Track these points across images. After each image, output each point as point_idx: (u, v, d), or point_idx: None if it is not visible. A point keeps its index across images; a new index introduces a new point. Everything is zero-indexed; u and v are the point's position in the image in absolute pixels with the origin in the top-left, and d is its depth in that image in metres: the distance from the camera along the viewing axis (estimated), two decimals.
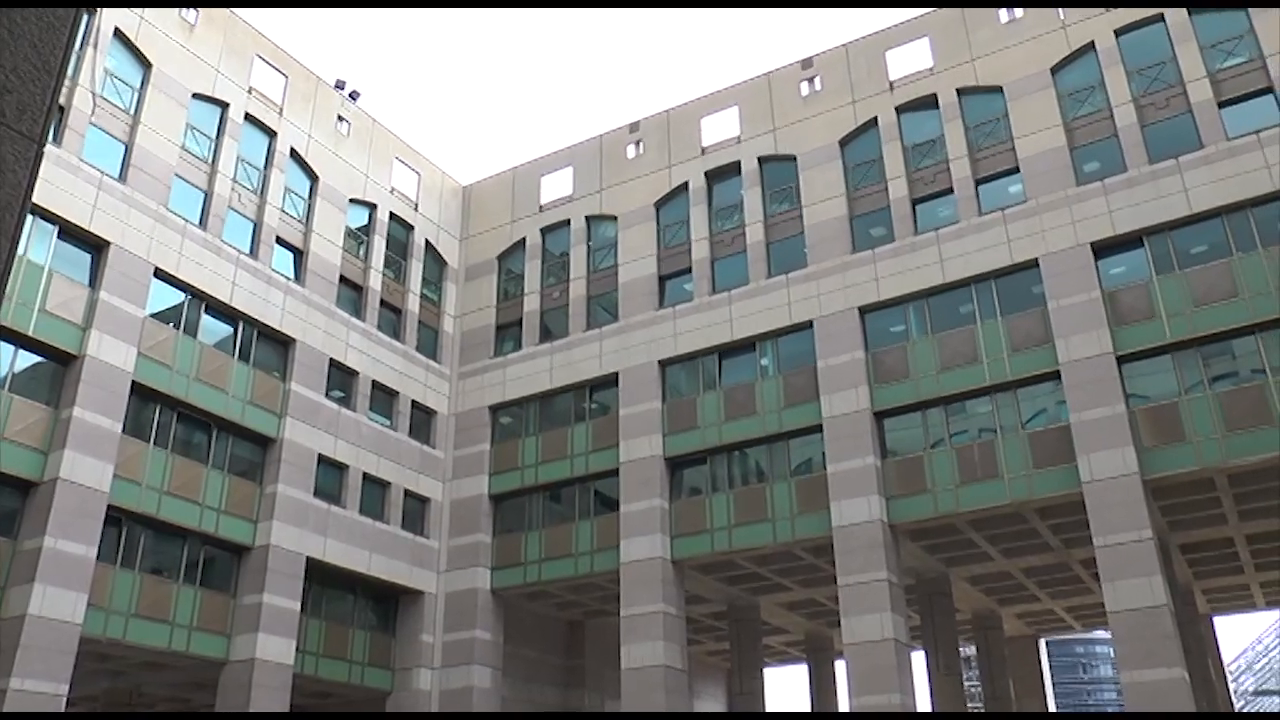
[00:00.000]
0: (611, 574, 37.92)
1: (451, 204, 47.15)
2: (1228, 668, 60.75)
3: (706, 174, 41.40)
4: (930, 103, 37.80)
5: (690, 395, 38.58)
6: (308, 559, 35.62)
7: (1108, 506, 30.16)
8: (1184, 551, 39.12)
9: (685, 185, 41.69)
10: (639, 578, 36.56)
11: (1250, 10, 33.32)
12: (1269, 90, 32.47)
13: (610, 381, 40.33)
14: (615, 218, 42.95)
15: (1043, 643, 53.42)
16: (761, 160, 40.40)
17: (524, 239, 45.17)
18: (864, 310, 36.03)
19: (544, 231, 44.91)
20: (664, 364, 39.28)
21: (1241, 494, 33.13)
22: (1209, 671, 42.03)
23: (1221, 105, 33.01)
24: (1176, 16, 34.46)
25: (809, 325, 36.70)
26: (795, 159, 39.54)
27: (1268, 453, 29.32)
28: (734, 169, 40.94)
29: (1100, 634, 77.76)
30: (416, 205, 44.91)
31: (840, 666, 46.29)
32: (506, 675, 40.55)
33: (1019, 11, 37.26)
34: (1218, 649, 48.51)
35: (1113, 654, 30.44)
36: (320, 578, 36.91)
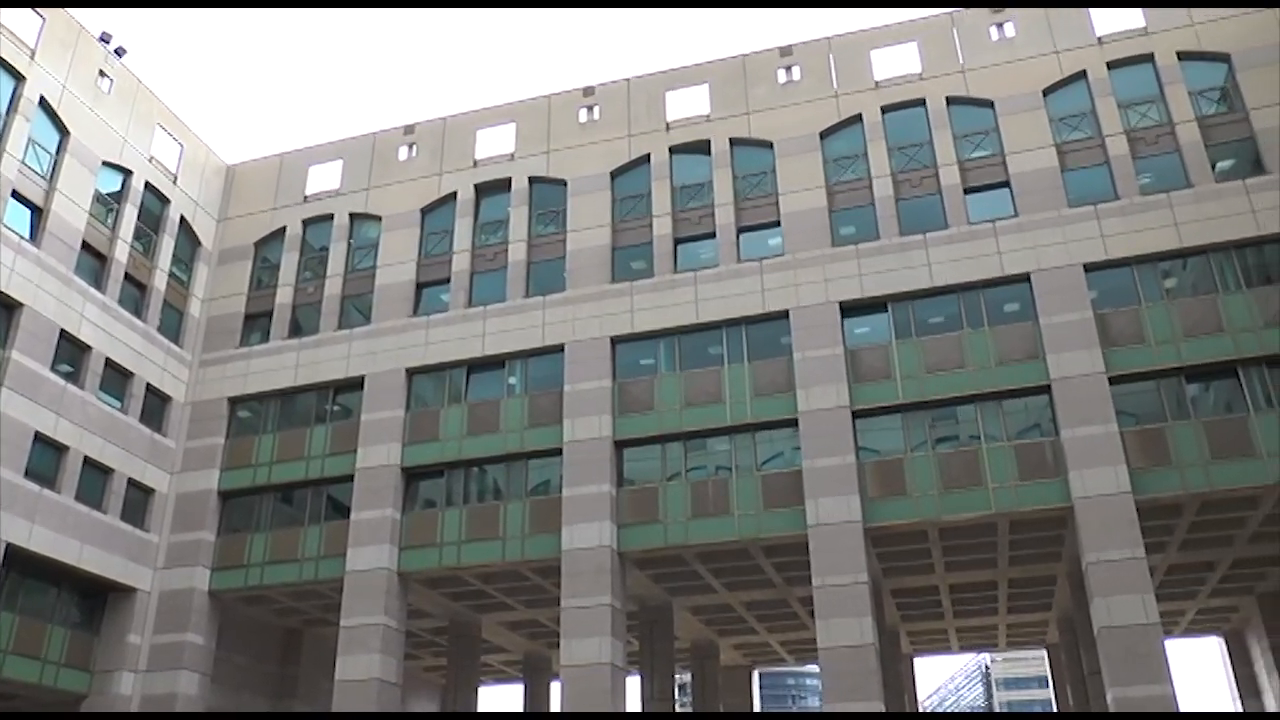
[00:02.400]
0: (335, 582, 36.80)
1: (213, 182, 45.00)
2: (921, 704, 65.18)
3: (476, 186, 41.19)
4: (703, 148, 39.00)
5: (435, 407, 38.08)
6: (8, 545, 32.68)
7: (829, 549, 31.87)
8: (894, 596, 41.73)
9: (454, 195, 41.31)
10: (362, 588, 35.62)
11: (997, 109, 36.48)
12: (1006, 184, 35.59)
13: (355, 385, 39.27)
14: (380, 218, 42.01)
15: (756, 673, 55.40)
16: (532, 180, 40.57)
17: (284, 228, 43.57)
18: (616, 340, 36.68)
19: (305, 223, 43.44)
20: (411, 372, 38.63)
21: (949, 547, 35.85)
22: (904, 706, 44.73)
23: (967, 192, 35.93)
24: (936, 104, 37.15)
25: (560, 349, 37.00)
26: (566, 183, 39.93)
27: (976, 511, 32.00)
28: (504, 185, 40.91)
29: (811, 667, 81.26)
30: (175, 178, 42.60)
31: (556, 688, 46.28)
32: (215, 682, 38.59)
33: (796, 74, 38.96)
34: (914, 687, 52.51)
35: (821, 687, 31.85)
36: (21, 567, 33.97)
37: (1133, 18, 36.79)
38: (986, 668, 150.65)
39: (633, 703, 39.17)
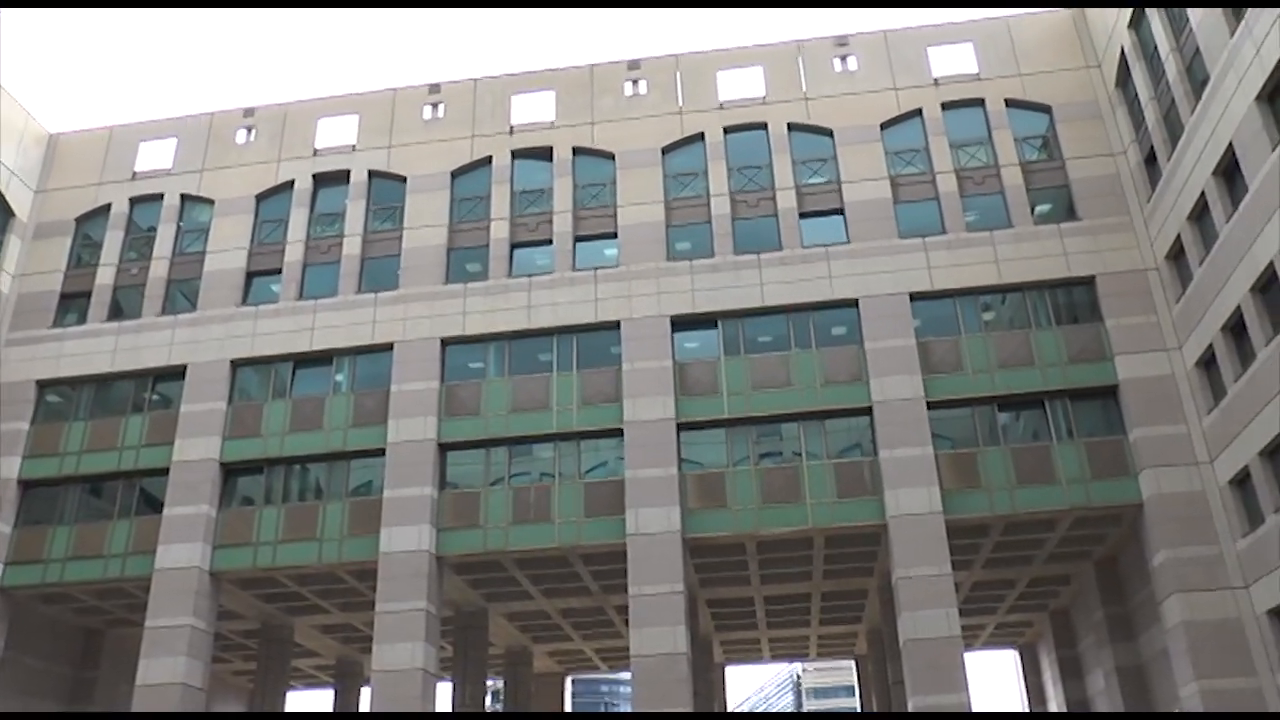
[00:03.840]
0: (143, 580, 35.25)
1: (33, 151, 42.62)
2: (732, 710, 67.09)
3: (315, 176, 40.24)
4: (545, 154, 39.07)
5: (258, 401, 36.93)
6: None
7: (647, 559, 32.21)
8: (710, 605, 42.44)
9: (291, 183, 40.26)
10: (171, 587, 34.27)
11: (835, 139, 37.62)
12: (841, 212, 36.72)
13: (177, 374, 37.77)
14: (212, 202, 40.58)
15: (569, 680, 55.49)
16: (372, 174, 39.87)
17: (109, 205, 41.61)
18: (446, 342, 36.30)
19: (133, 201, 41.62)
20: (236, 364, 37.41)
21: (766, 559, 36.68)
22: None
23: (802, 216, 36.89)
24: (778, 129, 38.06)
25: (389, 348, 36.41)
26: (406, 180, 39.34)
27: (794, 526, 32.84)
28: (343, 177, 40.07)
29: (625, 675, 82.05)
30: None
31: (368, 694, 45.29)
32: (1, 686, 36.44)
33: (643, 88, 39.31)
34: (724, 694, 53.91)
35: (632, 694, 32.10)
36: None
37: (967, 63, 38.42)
38: (797, 677, 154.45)
39: (442, 709, 38.64)
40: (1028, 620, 46.71)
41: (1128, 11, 35.14)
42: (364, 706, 46.65)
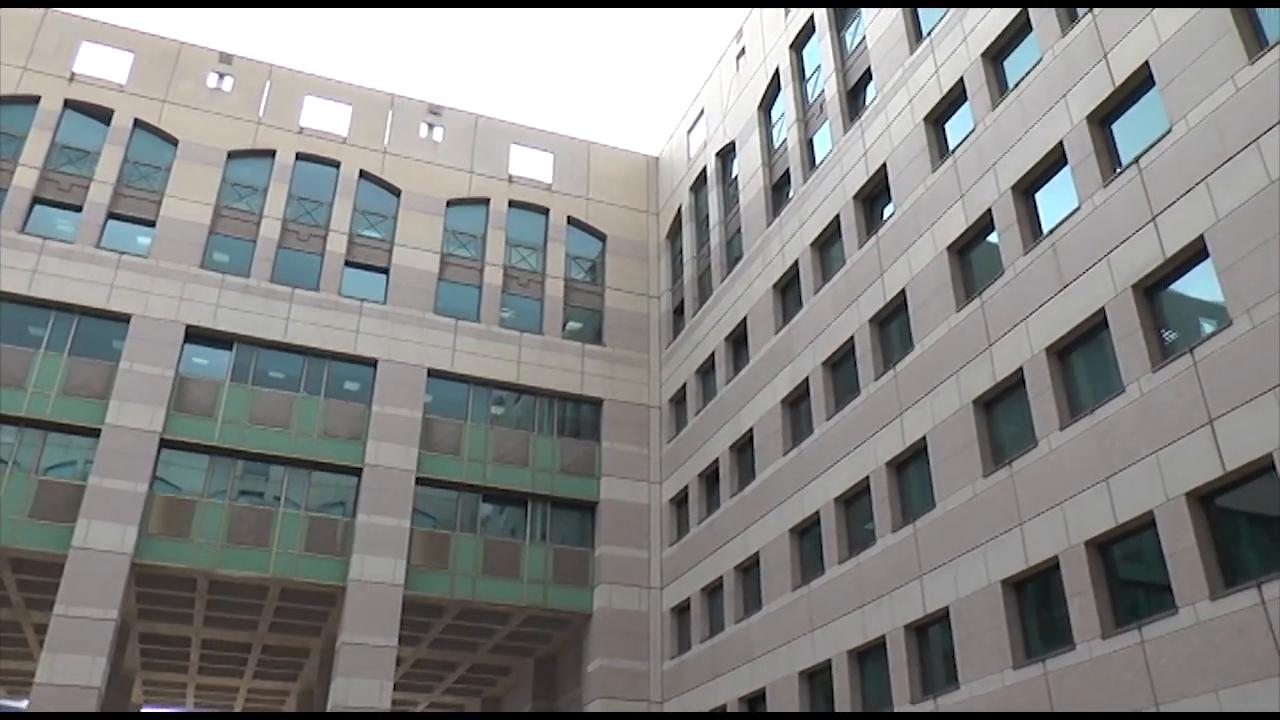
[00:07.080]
0: None
1: None
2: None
3: None
4: (104, 116, 36.06)
5: None
6: None
7: (87, 577, 29.43)
8: (141, 640, 39.30)
9: None
10: None
11: (401, 200, 38.11)
12: (386, 271, 37.16)
13: None
14: None
15: None
16: None
17: None
18: None
19: None
20: None
21: (215, 601, 34.82)
22: None
23: (348, 265, 36.80)
24: (349, 172, 37.96)
25: None
26: None
27: (253, 571, 31.67)
28: None
29: (24, 704, 73.91)
30: None
31: None
32: None
33: (228, 85, 37.70)
34: None
35: None
36: None
37: (543, 171, 40.67)
38: None
39: None
40: (461, 703, 48.23)
41: (695, 174, 39.07)
42: None
